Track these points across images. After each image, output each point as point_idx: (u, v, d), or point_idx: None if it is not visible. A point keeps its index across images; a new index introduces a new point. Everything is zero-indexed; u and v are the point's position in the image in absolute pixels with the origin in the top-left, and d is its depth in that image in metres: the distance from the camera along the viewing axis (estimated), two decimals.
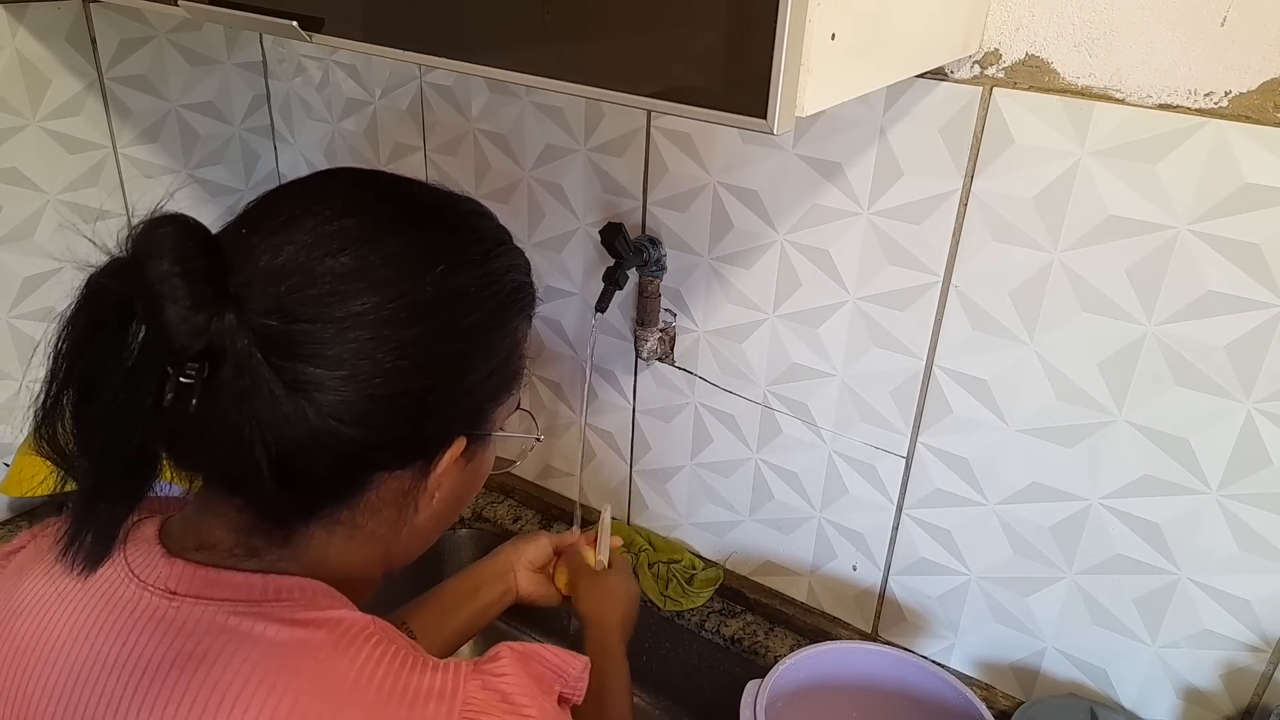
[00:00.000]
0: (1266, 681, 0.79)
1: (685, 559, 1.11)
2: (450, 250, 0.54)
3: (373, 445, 0.51)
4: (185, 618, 0.50)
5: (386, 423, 0.50)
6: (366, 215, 0.52)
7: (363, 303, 0.49)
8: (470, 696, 0.50)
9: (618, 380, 1.10)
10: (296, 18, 0.68)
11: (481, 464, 0.61)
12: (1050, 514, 0.85)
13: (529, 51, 0.57)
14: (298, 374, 0.47)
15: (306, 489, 0.51)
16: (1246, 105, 0.66)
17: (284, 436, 0.47)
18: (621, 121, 0.97)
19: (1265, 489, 0.74)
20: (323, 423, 0.48)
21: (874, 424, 0.92)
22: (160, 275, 0.44)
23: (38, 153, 1.08)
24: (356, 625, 0.52)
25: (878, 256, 0.85)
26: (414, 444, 0.54)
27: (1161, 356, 0.74)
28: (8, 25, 1.02)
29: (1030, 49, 0.72)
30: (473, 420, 0.57)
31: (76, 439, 0.47)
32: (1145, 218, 0.71)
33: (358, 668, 0.49)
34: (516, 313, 0.58)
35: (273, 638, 0.49)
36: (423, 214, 0.55)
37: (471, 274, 0.54)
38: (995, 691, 0.95)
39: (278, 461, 0.48)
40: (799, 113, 0.50)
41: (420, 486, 0.56)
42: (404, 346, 0.50)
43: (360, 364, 0.48)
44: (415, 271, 0.51)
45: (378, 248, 0.50)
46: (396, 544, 0.59)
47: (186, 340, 0.44)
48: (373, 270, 0.50)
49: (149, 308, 0.44)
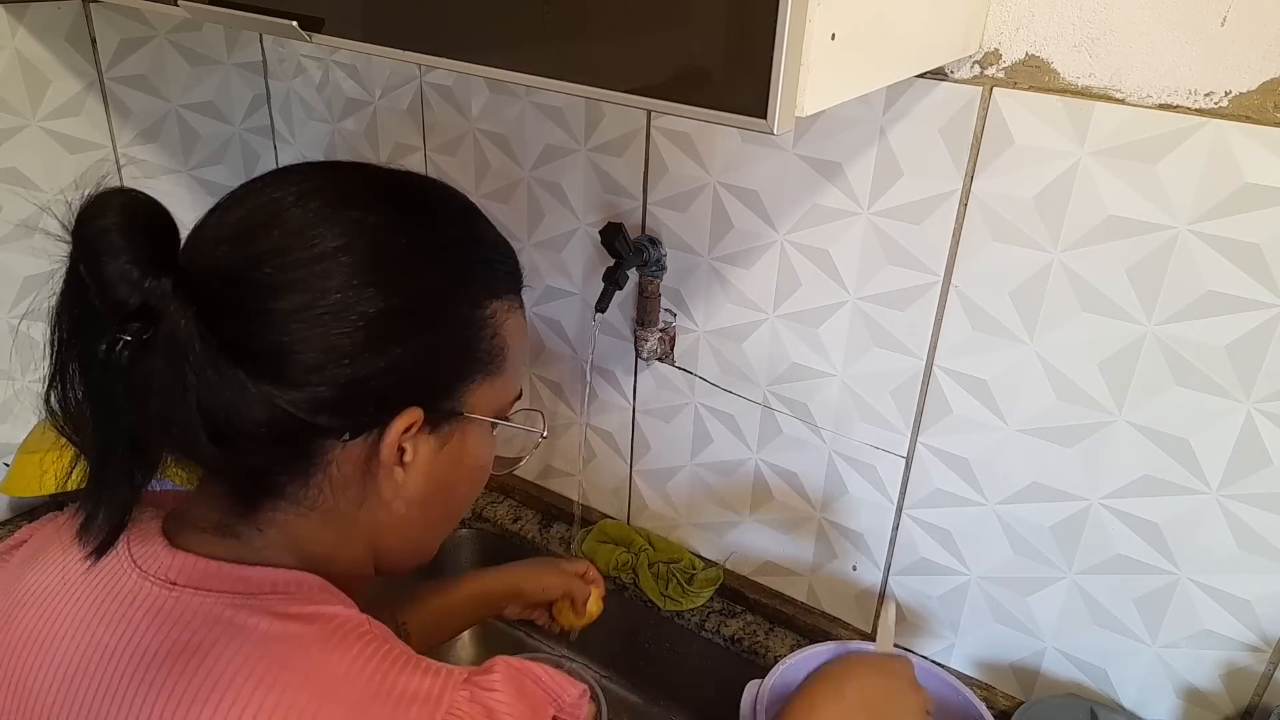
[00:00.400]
0: (1266, 681, 0.79)
1: (685, 559, 1.11)
2: (392, 210, 0.54)
3: (307, 407, 0.50)
4: (184, 608, 0.50)
5: (317, 382, 0.50)
6: (310, 182, 0.53)
7: (293, 258, 0.50)
8: (455, 706, 0.49)
9: (618, 380, 1.10)
10: (296, 18, 0.68)
11: (464, 450, 0.58)
12: (1050, 514, 0.85)
13: (529, 51, 0.57)
14: (230, 333, 0.48)
15: (253, 454, 0.51)
16: (1246, 105, 0.66)
17: (217, 396, 0.48)
18: (621, 121, 0.97)
19: (1265, 489, 0.74)
20: (255, 384, 0.49)
21: (874, 424, 0.92)
22: (101, 230, 0.45)
23: (38, 153, 1.08)
24: (350, 622, 0.52)
25: (878, 256, 0.85)
26: (353, 408, 0.52)
27: (1161, 356, 0.74)
28: (8, 25, 1.02)
29: (1030, 49, 0.72)
30: (429, 391, 0.55)
31: (77, 411, 0.50)
32: (1145, 218, 0.71)
33: (346, 663, 0.49)
34: (479, 286, 0.57)
35: (265, 630, 0.50)
36: (376, 183, 0.56)
37: (421, 236, 0.54)
38: (995, 691, 0.95)
39: (213, 422, 0.48)
40: (799, 113, 0.50)
41: (377, 460, 0.54)
42: (343, 300, 0.50)
43: (290, 320, 0.49)
44: (360, 232, 0.52)
45: (321, 212, 0.51)
46: (375, 529, 0.57)
47: (122, 294, 0.45)
48: (307, 227, 0.51)
49: (91, 263, 0.45)
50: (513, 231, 1.12)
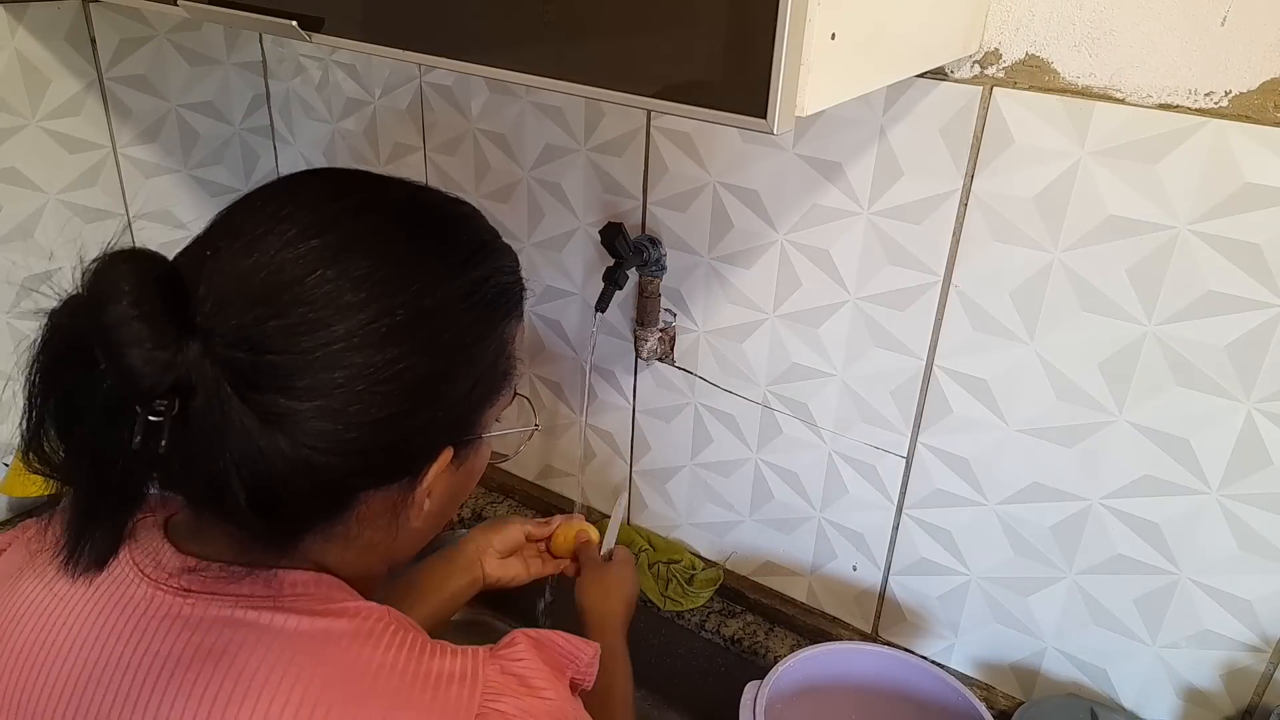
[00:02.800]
0: (1267, 682, 0.79)
1: (685, 559, 1.11)
2: (426, 265, 0.52)
3: (352, 471, 0.50)
4: (202, 614, 0.50)
5: (365, 449, 0.49)
6: (335, 232, 0.49)
7: (333, 330, 0.47)
8: (490, 680, 0.51)
9: (618, 380, 1.10)
10: (296, 18, 0.68)
11: (474, 465, 0.60)
12: (1050, 514, 0.85)
13: (529, 51, 0.57)
14: (269, 406, 0.46)
15: (289, 515, 0.51)
16: (1247, 105, 0.66)
17: (260, 468, 0.47)
18: (621, 121, 0.97)
19: (1266, 489, 0.74)
20: (298, 453, 0.47)
21: (874, 424, 0.92)
22: (119, 318, 0.42)
23: (38, 153, 1.08)
24: (375, 614, 0.53)
25: (878, 256, 0.85)
26: (397, 463, 0.53)
27: (1162, 356, 0.74)
28: (7, 25, 1.02)
29: (1030, 49, 0.72)
30: (460, 429, 0.56)
31: (64, 460, 0.47)
32: (1145, 217, 0.71)
33: (380, 655, 0.50)
34: (503, 316, 0.57)
35: (294, 628, 0.50)
36: (397, 225, 0.53)
37: (449, 288, 0.52)
38: (995, 692, 0.95)
39: (255, 492, 0.47)
40: (799, 112, 0.50)
41: (409, 499, 0.55)
42: (379, 371, 0.48)
43: (335, 393, 0.47)
44: (388, 292, 0.49)
45: (347, 270, 0.48)
46: (396, 547, 0.59)
47: (153, 380, 0.43)
48: (342, 294, 0.48)
49: (110, 352, 0.43)
50: (513, 231, 1.11)
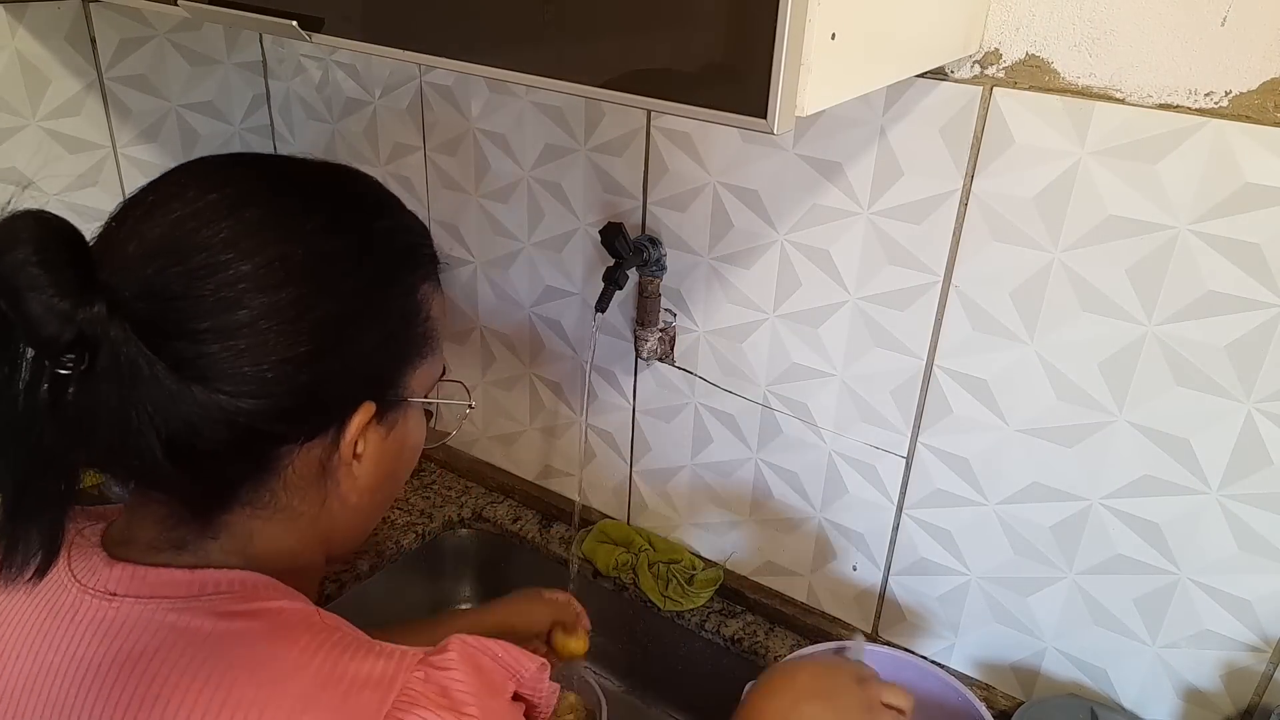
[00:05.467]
0: (1267, 682, 0.79)
1: (685, 559, 1.11)
2: (321, 211, 0.53)
3: (267, 416, 0.50)
4: (124, 618, 0.50)
5: (276, 392, 0.50)
6: (232, 187, 0.51)
7: (232, 272, 0.48)
8: (409, 687, 0.49)
9: (618, 380, 1.10)
10: (296, 17, 0.68)
11: (406, 433, 0.59)
12: (1050, 514, 0.85)
13: (529, 51, 0.57)
14: (178, 352, 0.47)
15: (211, 470, 0.51)
16: (1247, 105, 0.65)
17: (174, 417, 0.47)
18: (621, 121, 0.97)
19: (1266, 489, 0.74)
20: (212, 399, 0.48)
21: (874, 424, 0.92)
22: (18, 264, 0.43)
23: (38, 153, 1.08)
24: (297, 614, 0.52)
25: (878, 256, 0.85)
26: (313, 412, 0.52)
27: (1162, 356, 0.74)
28: (7, 25, 1.02)
29: (1030, 49, 0.72)
30: (379, 385, 0.55)
31: None
32: (1145, 217, 0.71)
33: (294, 655, 0.49)
34: (410, 273, 0.57)
35: (209, 630, 0.49)
36: (293, 180, 0.55)
37: (348, 236, 0.54)
38: (995, 692, 0.95)
39: (171, 443, 0.47)
40: (799, 112, 0.50)
41: (335, 458, 0.55)
42: (282, 311, 0.49)
43: (240, 333, 0.48)
44: (285, 238, 0.50)
45: (244, 217, 0.50)
46: (331, 524, 0.58)
47: (54, 329, 0.43)
48: (239, 240, 0.49)
49: (12, 300, 0.43)
50: (513, 231, 1.11)
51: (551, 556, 1.18)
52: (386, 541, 1.17)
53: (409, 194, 1.20)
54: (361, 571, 1.12)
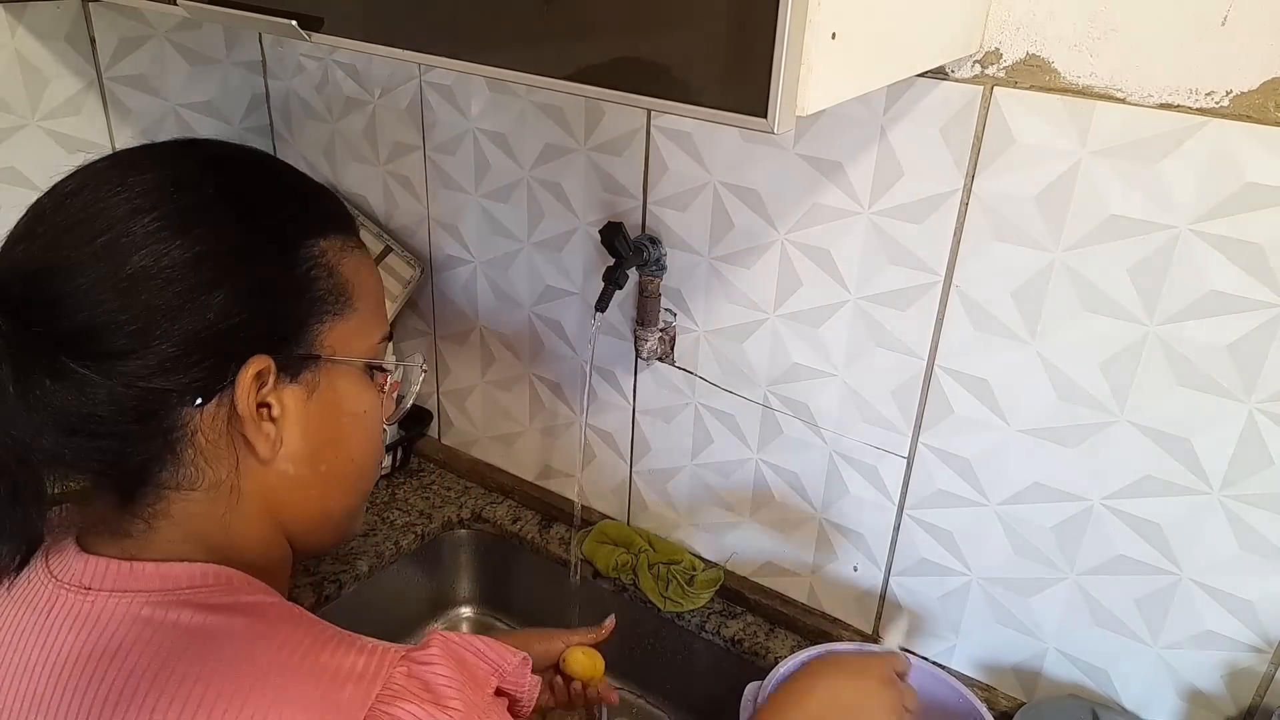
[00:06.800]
0: (1268, 682, 0.79)
1: (685, 560, 1.11)
2: (190, 166, 0.55)
3: (148, 371, 0.50)
4: (100, 611, 0.50)
5: (150, 345, 0.50)
6: (108, 166, 0.54)
7: (92, 228, 0.50)
8: (392, 681, 0.49)
9: (618, 380, 1.10)
10: (296, 17, 0.68)
11: (338, 396, 0.58)
12: (1052, 514, 0.85)
13: (529, 51, 0.57)
14: (46, 325, 0.48)
15: (108, 437, 0.51)
16: (1247, 104, 0.65)
17: (55, 391, 0.48)
18: (621, 121, 0.97)
19: (1267, 489, 0.74)
20: (87, 367, 0.48)
21: (875, 424, 0.92)
22: None
23: (37, 153, 1.08)
24: (276, 608, 0.52)
25: (878, 256, 0.85)
26: (194, 362, 0.52)
27: (1163, 356, 0.74)
28: (7, 25, 1.02)
29: (1031, 48, 0.72)
30: (272, 338, 0.54)
31: None
32: (1146, 217, 0.71)
33: (274, 649, 0.49)
34: (297, 228, 0.57)
35: (187, 624, 0.49)
36: (168, 153, 0.56)
37: (217, 184, 0.54)
38: (996, 692, 0.95)
39: (57, 415, 0.48)
40: (800, 112, 0.50)
41: (238, 420, 0.54)
42: (138, 255, 0.50)
43: (104, 290, 0.49)
44: (150, 190, 0.52)
45: (107, 179, 0.52)
46: (272, 498, 0.57)
47: None
48: (101, 199, 0.51)
49: None
50: (512, 231, 1.11)
51: (551, 557, 1.18)
52: (386, 542, 1.17)
53: (409, 194, 1.20)
54: (361, 572, 1.12)
